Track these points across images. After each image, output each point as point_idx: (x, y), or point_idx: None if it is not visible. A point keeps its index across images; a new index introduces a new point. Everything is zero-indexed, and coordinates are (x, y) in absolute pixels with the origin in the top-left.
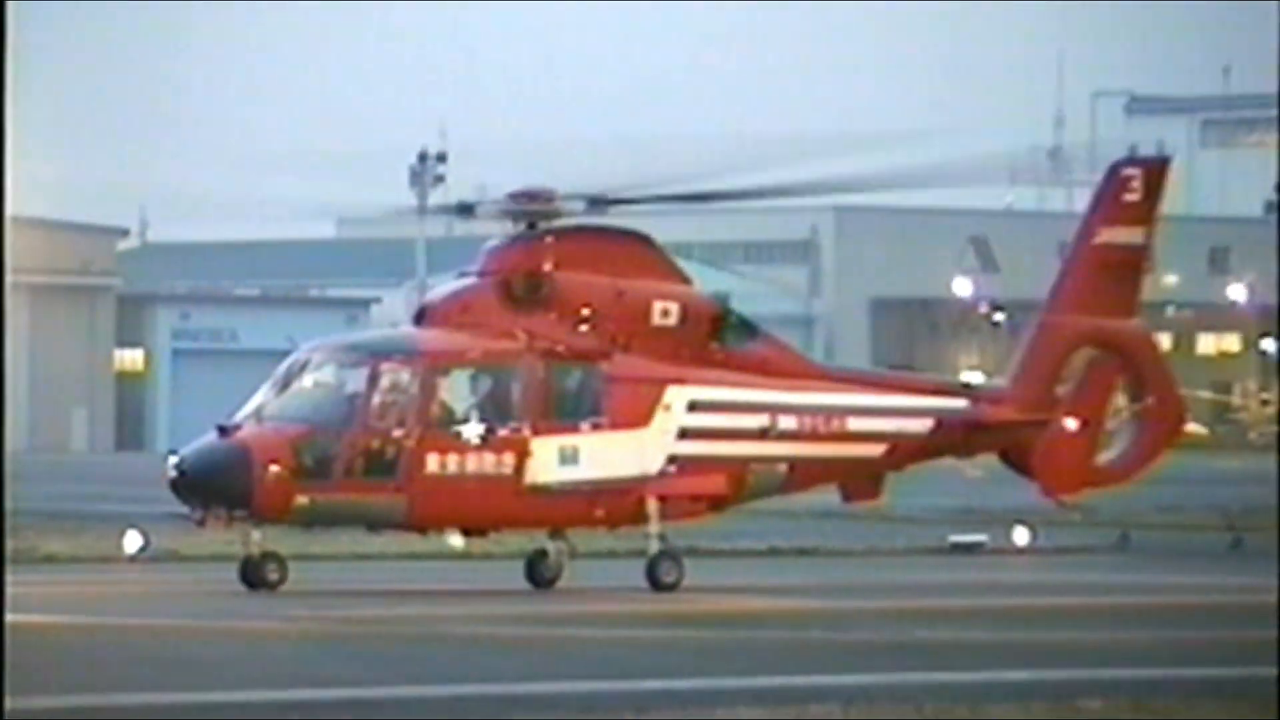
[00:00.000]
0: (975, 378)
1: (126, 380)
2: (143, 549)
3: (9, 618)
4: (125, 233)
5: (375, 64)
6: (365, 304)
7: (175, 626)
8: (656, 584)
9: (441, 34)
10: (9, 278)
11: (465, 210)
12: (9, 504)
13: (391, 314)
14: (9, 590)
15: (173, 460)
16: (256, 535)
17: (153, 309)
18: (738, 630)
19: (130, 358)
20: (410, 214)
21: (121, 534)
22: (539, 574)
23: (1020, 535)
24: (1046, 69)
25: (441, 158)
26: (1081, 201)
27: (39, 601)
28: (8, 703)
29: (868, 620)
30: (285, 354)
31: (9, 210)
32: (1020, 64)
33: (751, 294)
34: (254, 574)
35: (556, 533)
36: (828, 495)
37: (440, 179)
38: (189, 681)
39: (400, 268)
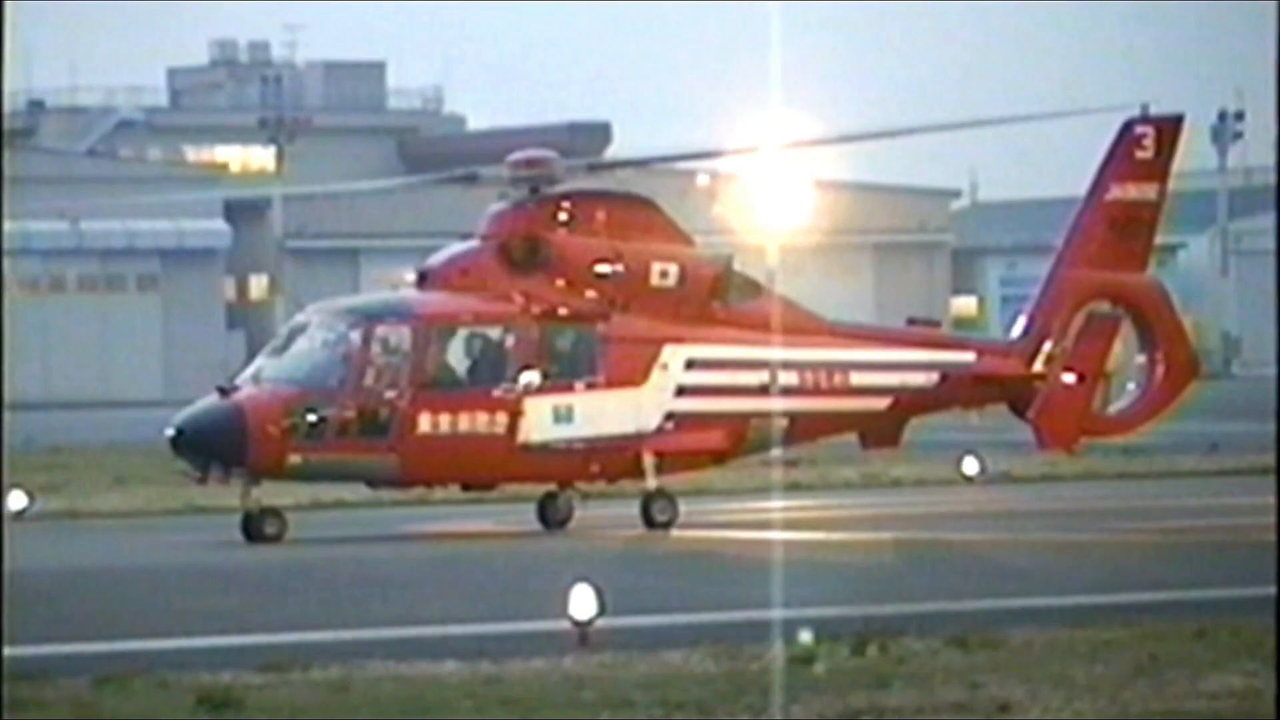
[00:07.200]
0: None
1: (961, 325)
2: (980, 471)
3: None
4: (957, 194)
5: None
6: (1173, 249)
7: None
8: (651, 522)
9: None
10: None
11: (469, 179)
12: None
13: (1197, 260)
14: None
15: (173, 420)
16: (256, 492)
17: (982, 261)
18: None
19: (964, 303)
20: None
21: (959, 459)
22: (550, 515)
23: None
24: None
25: (1239, 115)
26: None
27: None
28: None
29: None
30: None
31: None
32: None
33: None
34: (254, 528)
35: (562, 485)
36: None
37: (1239, 136)
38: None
39: (1204, 215)
